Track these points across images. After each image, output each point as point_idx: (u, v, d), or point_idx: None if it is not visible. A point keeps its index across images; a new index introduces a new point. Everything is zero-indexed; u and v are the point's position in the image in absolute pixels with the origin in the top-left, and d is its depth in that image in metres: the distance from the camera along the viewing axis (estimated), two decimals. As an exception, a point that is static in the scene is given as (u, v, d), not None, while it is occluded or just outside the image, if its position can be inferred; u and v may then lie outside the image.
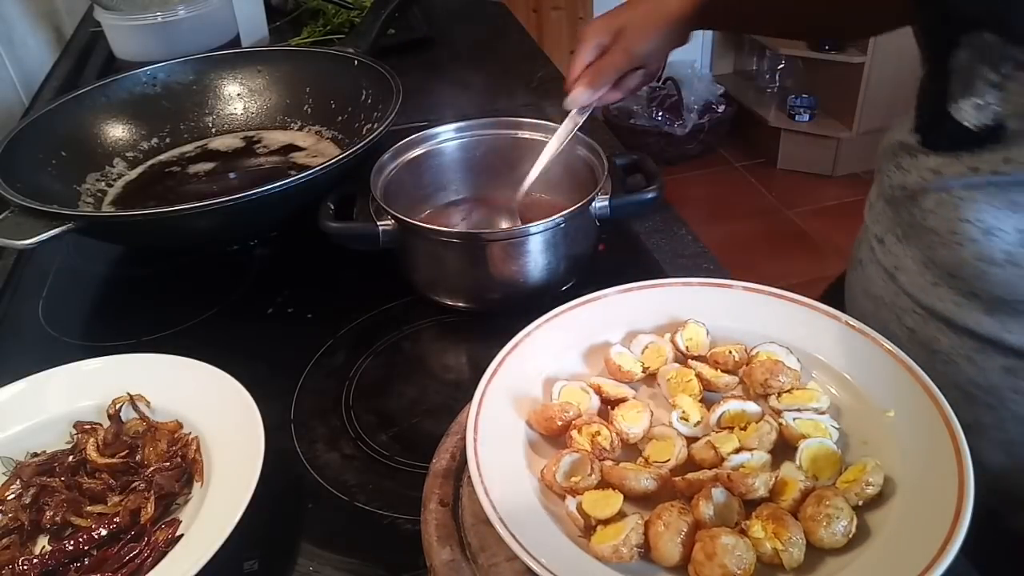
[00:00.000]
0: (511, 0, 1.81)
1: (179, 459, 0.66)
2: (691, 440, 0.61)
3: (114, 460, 0.67)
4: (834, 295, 0.92)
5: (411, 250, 0.85)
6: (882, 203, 0.81)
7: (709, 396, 0.65)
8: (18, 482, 0.66)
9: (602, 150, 0.88)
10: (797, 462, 0.58)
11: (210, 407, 0.69)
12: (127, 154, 1.10)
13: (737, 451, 0.58)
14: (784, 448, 0.60)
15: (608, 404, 0.65)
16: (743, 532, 0.52)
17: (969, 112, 0.66)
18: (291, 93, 1.18)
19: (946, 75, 0.66)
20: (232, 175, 1.09)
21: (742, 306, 0.71)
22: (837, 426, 0.60)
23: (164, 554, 0.59)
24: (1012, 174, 0.65)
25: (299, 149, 1.12)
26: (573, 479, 0.57)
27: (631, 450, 0.62)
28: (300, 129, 1.16)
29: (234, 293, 0.94)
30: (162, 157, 1.13)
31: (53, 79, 1.47)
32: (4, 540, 0.62)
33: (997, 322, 0.69)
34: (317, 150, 1.12)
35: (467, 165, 0.97)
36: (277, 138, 1.16)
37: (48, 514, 0.63)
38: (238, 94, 1.19)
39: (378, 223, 0.83)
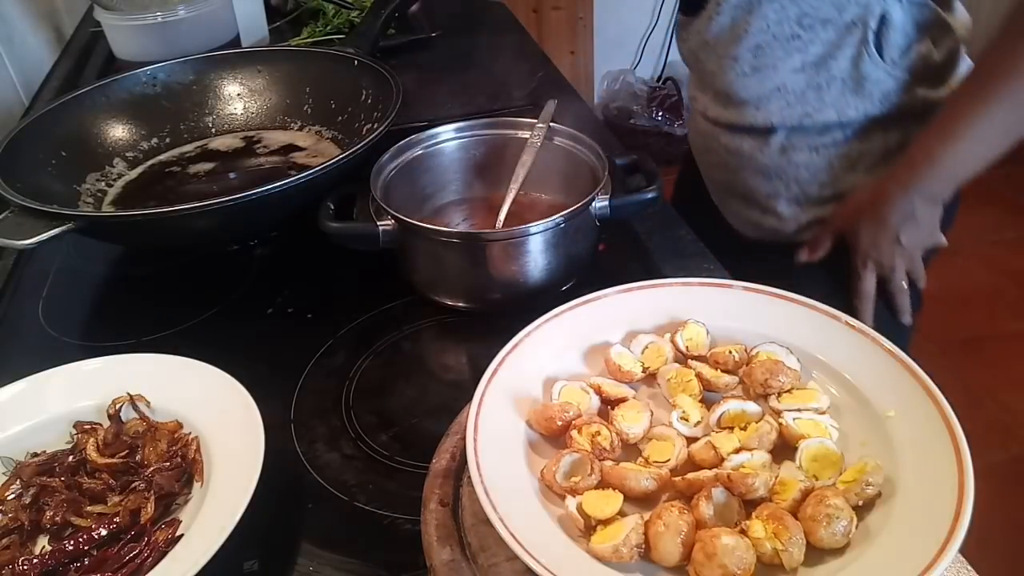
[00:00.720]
0: (511, 0, 1.81)
1: (179, 459, 0.66)
2: (691, 440, 0.61)
3: (114, 460, 0.67)
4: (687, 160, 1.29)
5: (411, 250, 0.85)
6: (691, 72, 1.16)
7: (709, 396, 0.65)
8: (18, 482, 0.66)
9: (602, 150, 0.88)
10: (797, 462, 0.58)
11: (210, 407, 0.69)
12: (127, 154, 1.10)
13: (737, 451, 0.58)
14: (784, 448, 0.60)
15: (608, 404, 0.65)
16: (743, 532, 0.52)
17: None
18: (291, 93, 1.18)
19: None
20: (232, 175, 1.09)
21: (742, 306, 0.71)
22: (837, 426, 0.60)
23: (164, 554, 0.59)
24: (722, 15, 1.01)
25: (299, 149, 1.12)
26: (573, 479, 0.57)
27: (631, 450, 0.62)
28: (300, 129, 1.16)
29: (234, 293, 0.94)
30: (162, 157, 1.13)
31: (53, 79, 1.47)
32: (4, 540, 0.62)
33: (763, 114, 1.03)
34: (317, 150, 1.12)
35: (467, 165, 0.97)
36: (277, 138, 1.16)
37: (48, 514, 0.63)
38: (238, 94, 1.19)
39: (378, 223, 0.82)
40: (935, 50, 0.97)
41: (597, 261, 0.90)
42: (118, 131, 1.11)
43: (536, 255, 0.81)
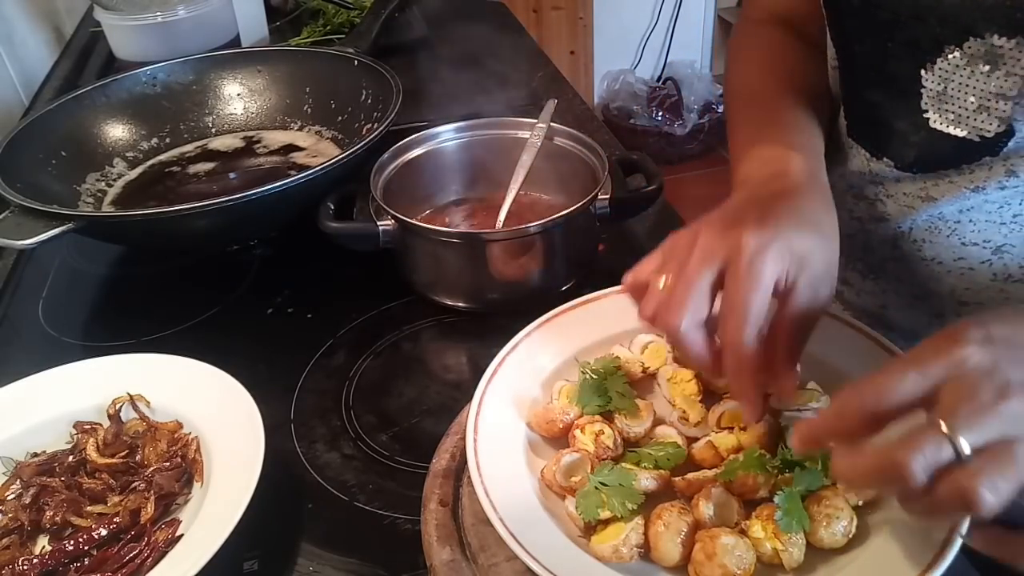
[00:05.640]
0: (511, 0, 1.81)
1: (179, 459, 0.66)
2: (691, 440, 0.61)
3: (114, 460, 0.67)
4: None
5: (411, 250, 0.85)
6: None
7: (709, 396, 0.65)
8: (18, 482, 0.66)
9: (602, 150, 0.88)
10: (797, 462, 0.57)
11: (210, 407, 0.69)
12: (127, 154, 1.10)
13: (737, 451, 0.58)
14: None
15: (608, 404, 0.65)
16: (743, 532, 0.52)
17: (975, 120, 0.58)
18: (291, 93, 1.18)
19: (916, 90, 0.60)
20: (232, 175, 1.09)
21: (742, 306, 0.70)
22: (837, 426, 0.60)
23: (164, 554, 0.59)
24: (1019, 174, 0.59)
25: (299, 149, 1.12)
26: (573, 479, 0.57)
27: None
28: (300, 129, 1.16)
29: (234, 293, 0.94)
30: (162, 157, 1.13)
31: (53, 79, 1.47)
32: (4, 540, 0.62)
33: None
34: (317, 150, 1.12)
35: (467, 165, 0.97)
36: (277, 138, 1.16)
37: (48, 514, 0.63)
38: (238, 94, 1.19)
39: (378, 223, 0.83)
40: None
41: (597, 261, 0.90)
42: (118, 131, 1.11)
43: (536, 255, 0.81)
